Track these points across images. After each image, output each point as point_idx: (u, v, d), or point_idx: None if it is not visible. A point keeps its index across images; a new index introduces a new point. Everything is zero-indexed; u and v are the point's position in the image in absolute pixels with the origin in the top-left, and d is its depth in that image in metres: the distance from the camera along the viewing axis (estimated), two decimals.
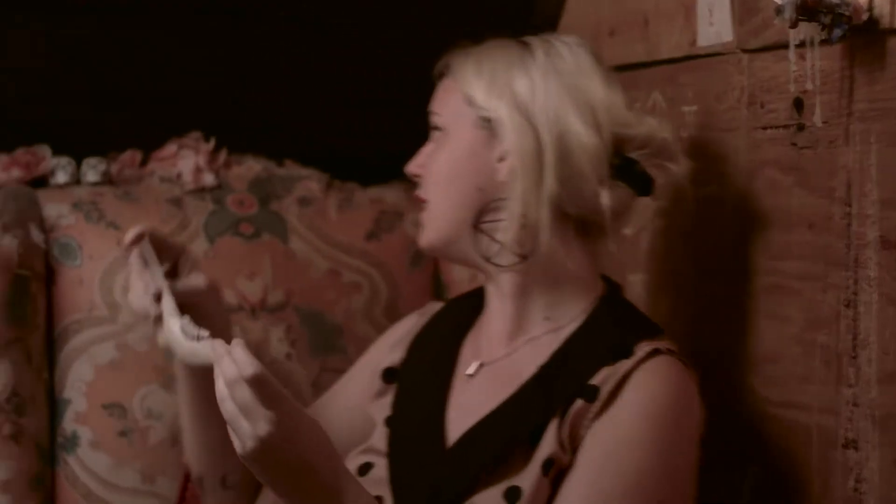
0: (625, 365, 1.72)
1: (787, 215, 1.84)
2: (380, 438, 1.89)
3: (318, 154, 2.55)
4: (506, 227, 1.79)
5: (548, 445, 1.70)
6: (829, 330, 1.74)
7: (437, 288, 2.50)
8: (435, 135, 1.89)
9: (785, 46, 1.71)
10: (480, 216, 1.82)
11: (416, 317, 2.04)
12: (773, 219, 1.87)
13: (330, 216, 2.47)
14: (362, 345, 2.39)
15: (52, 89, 2.51)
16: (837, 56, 1.71)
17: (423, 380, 1.91)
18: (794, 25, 1.65)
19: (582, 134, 1.77)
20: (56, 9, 2.44)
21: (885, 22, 1.62)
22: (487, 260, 1.82)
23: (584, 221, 1.82)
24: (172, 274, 1.90)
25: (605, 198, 1.78)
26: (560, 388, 1.74)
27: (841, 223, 1.72)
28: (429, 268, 2.49)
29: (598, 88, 1.81)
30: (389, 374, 1.95)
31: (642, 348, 1.74)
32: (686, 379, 1.75)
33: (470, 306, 1.95)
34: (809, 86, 1.69)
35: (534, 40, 1.86)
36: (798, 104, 1.80)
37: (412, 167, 1.91)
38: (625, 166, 1.81)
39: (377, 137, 2.60)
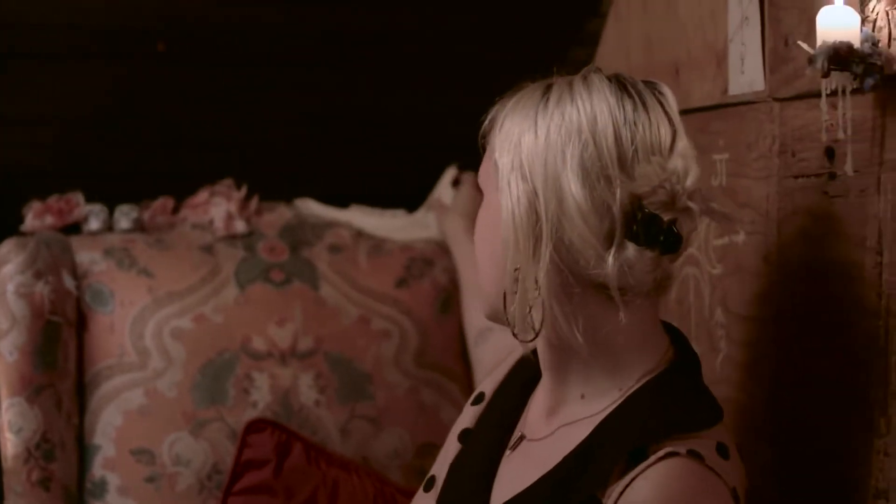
0: (634, 472, 1.54)
1: (819, 264, 1.83)
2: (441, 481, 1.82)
3: (346, 201, 2.57)
4: (510, 300, 1.62)
5: None
6: (859, 379, 1.73)
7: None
8: None
9: (817, 95, 1.69)
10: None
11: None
12: (804, 267, 1.86)
13: (360, 263, 2.47)
14: (391, 392, 2.40)
15: (85, 137, 2.52)
16: (869, 105, 1.70)
17: (485, 439, 1.79)
18: (826, 75, 1.64)
19: (579, 195, 1.57)
20: (87, 58, 2.45)
21: None
22: (514, 334, 1.65)
23: (619, 287, 1.60)
24: None
25: (611, 265, 1.58)
26: (572, 493, 1.59)
27: (872, 272, 1.71)
28: (458, 314, 2.48)
29: (609, 137, 1.59)
30: (478, 398, 1.87)
31: (663, 449, 1.55)
32: (701, 490, 1.56)
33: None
34: (841, 135, 1.67)
35: (560, 82, 1.66)
36: (829, 153, 1.80)
37: None
38: (646, 224, 1.59)
39: (407, 184, 2.61)
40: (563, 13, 2.54)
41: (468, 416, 1.86)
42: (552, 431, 1.69)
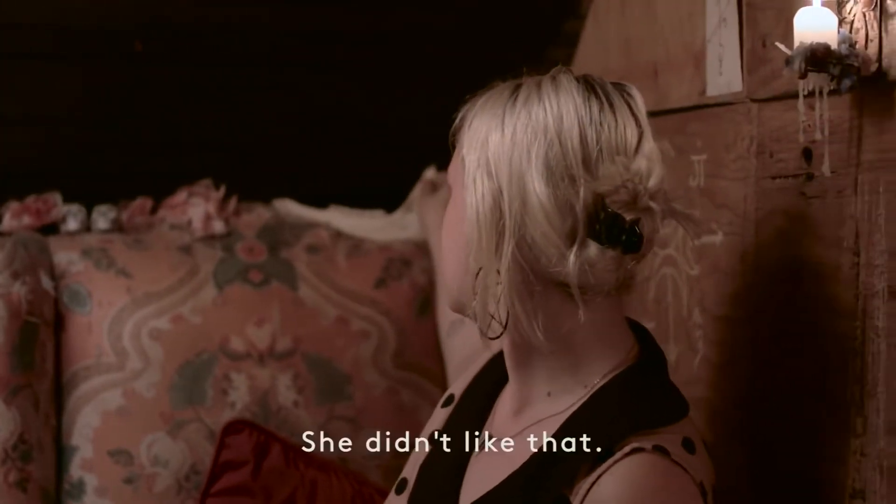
0: (601, 469, 1.56)
1: (796, 264, 1.83)
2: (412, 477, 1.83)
3: (324, 202, 2.57)
4: (471, 296, 1.65)
5: None
6: (836, 379, 1.73)
7: None
8: None
9: (794, 96, 1.70)
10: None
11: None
12: (781, 268, 1.87)
13: (339, 264, 2.47)
14: (370, 392, 2.40)
15: (63, 137, 2.52)
16: (846, 106, 1.71)
17: (455, 440, 1.79)
18: (803, 76, 1.64)
19: (542, 193, 1.59)
20: (65, 58, 2.45)
21: (894, 73, 1.63)
22: (481, 330, 1.67)
23: (580, 286, 1.62)
24: None
25: (572, 263, 1.60)
26: (541, 491, 1.60)
27: (849, 273, 1.71)
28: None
29: (574, 137, 1.61)
30: (449, 399, 1.88)
31: (629, 445, 1.56)
32: (667, 484, 1.58)
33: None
34: (818, 136, 1.68)
35: (529, 82, 1.68)
36: (807, 154, 1.80)
37: None
38: (608, 223, 1.60)
39: (386, 184, 2.61)
40: (543, 14, 2.55)
41: (438, 418, 1.88)
42: (520, 431, 1.71)
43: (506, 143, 1.63)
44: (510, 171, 1.62)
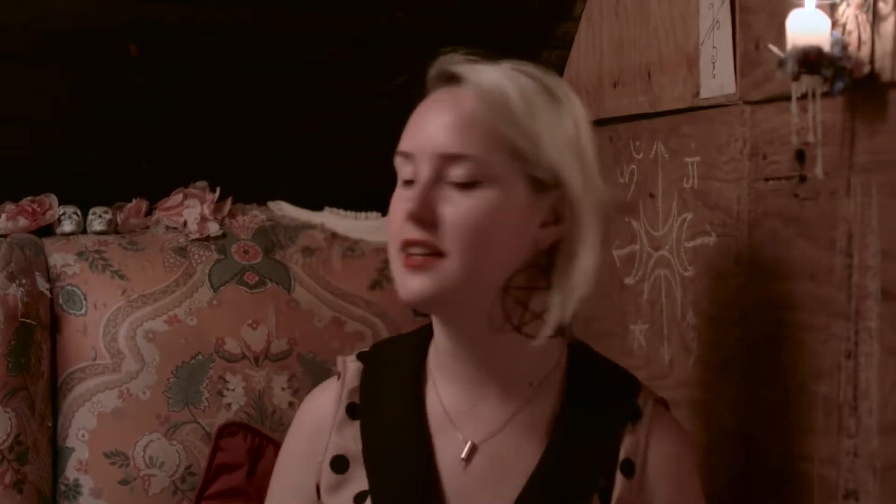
0: (642, 427, 1.70)
1: (789, 266, 1.84)
2: None
3: (319, 204, 2.57)
4: (563, 300, 1.66)
5: None
6: (829, 380, 1.74)
7: None
8: (458, 179, 1.68)
9: (787, 98, 1.70)
10: (511, 282, 1.66)
11: (336, 387, 1.81)
12: (775, 269, 1.87)
13: (334, 265, 2.47)
14: None
15: (58, 139, 2.52)
16: (839, 108, 1.71)
17: (397, 465, 1.73)
18: (796, 78, 1.65)
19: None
20: (64, 60, 2.45)
21: (886, 75, 1.64)
22: (517, 329, 1.67)
23: None
24: None
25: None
26: (589, 463, 1.68)
27: (842, 274, 1.72)
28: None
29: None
30: (341, 463, 1.76)
31: (645, 404, 1.72)
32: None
33: (413, 363, 1.78)
34: (811, 138, 1.68)
35: (552, 82, 1.74)
36: (800, 156, 1.81)
37: (423, 211, 1.68)
38: None
39: (382, 187, 2.61)
40: (536, 16, 2.55)
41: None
42: (506, 423, 1.72)
43: (588, 154, 1.69)
44: (597, 184, 1.69)
